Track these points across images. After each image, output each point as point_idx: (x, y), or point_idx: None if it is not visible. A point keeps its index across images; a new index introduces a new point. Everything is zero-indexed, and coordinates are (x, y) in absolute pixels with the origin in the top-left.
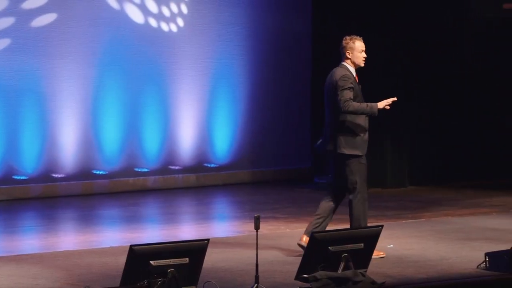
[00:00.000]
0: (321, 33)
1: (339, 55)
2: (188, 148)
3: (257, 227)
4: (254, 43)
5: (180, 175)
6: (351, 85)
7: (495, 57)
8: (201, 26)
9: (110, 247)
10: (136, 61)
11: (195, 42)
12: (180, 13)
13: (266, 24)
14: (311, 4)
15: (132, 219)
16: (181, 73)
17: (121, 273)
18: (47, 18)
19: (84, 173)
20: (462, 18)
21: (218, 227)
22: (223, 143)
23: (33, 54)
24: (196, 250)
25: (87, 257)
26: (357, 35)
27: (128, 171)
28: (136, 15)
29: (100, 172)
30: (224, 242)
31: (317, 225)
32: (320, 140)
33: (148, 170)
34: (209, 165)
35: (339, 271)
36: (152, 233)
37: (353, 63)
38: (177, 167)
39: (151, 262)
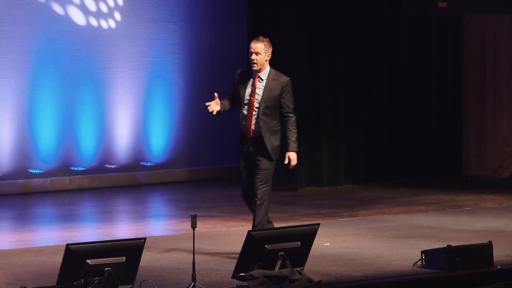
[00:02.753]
0: (255, 22)
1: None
2: (125, 147)
3: (193, 226)
4: (189, 42)
5: (117, 174)
6: (233, 82)
7: (429, 56)
8: (136, 24)
9: (47, 246)
10: (71, 59)
11: (130, 40)
12: (115, 12)
13: (201, 22)
14: (246, 1)
15: (69, 218)
16: (117, 71)
17: (57, 272)
18: None
19: (20, 172)
20: (397, 15)
21: (155, 225)
22: (159, 142)
23: None
24: (132, 249)
25: (24, 256)
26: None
27: (64, 170)
28: (71, 13)
29: (36, 171)
30: (161, 241)
31: None
32: None
33: (84, 169)
34: (145, 164)
35: (276, 269)
36: (88, 232)
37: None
38: (113, 166)
39: (87, 261)
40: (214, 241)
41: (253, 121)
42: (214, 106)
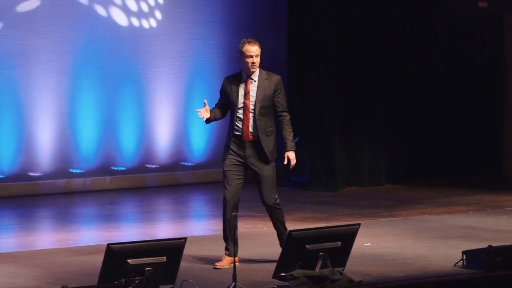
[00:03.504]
0: (297, 29)
1: (315, 51)
2: (165, 147)
3: (234, 226)
4: (230, 41)
5: (157, 174)
6: (220, 89)
7: (469, 56)
8: (176, 24)
9: (88, 245)
10: (112, 60)
11: (171, 40)
12: (156, 10)
13: (241, 23)
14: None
15: (109, 218)
16: (157, 71)
17: (98, 272)
18: (23, 16)
19: (61, 172)
20: (434, 16)
21: (195, 225)
22: (200, 142)
23: (8, 52)
24: (173, 248)
25: (65, 255)
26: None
27: (105, 169)
28: (113, 14)
29: (77, 171)
30: (202, 241)
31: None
32: (297, 139)
33: (125, 168)
34: (186, 164)
35: (317, 269)
36: (129, 231)
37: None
38: (154, 166)
39: (128, 260)
40: (254, 241)
41: (251, 124)
42: (204, 113)
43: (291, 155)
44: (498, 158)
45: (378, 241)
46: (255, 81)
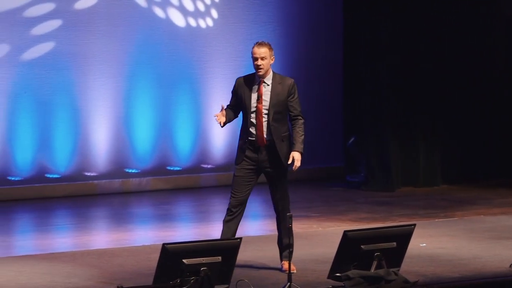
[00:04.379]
0: (353, 29)
1: (371, 52)
2: (220, 146)
3: (289, 226)
4: (286, 42)
5: (212, 174)
6: (232, 90)
7: None
8: (232, 25)
9: (143, 245)
10: (168, 60)
11: (226, 41)
12: (212, 12)
13: (297, 24)
14: (341, 1)
15: (165, 218)
16: (213, 71)
17: (154, 272)
18: (79, 17)
19: (117, 172)
20: (491, 15)
21: (251, 225)
22: None
23: (65, 53)
24: (228, 248)
25: (120, 255)
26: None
27: (161, 169)
28: (168, 14)
29: (133, 171)
30: (257, 241)
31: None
32: (353, 139)
33: (181, 168)
34: None
35: (372, 270)
36: (184, 231)
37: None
38: (209, 166)
39: (183, 260)
40: (309, 241)
41: (265, 129)
42: (221, 117)
43: (296, 155)
44: None
45: (434, 242)
46: (268, 85)
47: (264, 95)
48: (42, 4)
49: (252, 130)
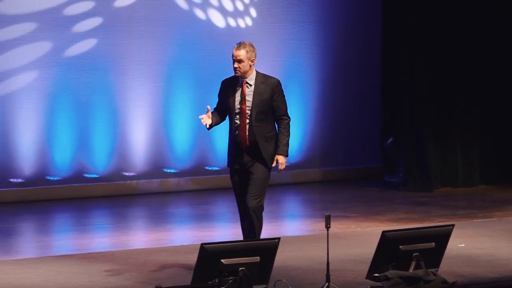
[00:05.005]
0: (390, 31)
1: (410, 53)
2: None
3: (328, 226)
4: (324, 42)
5: None
6: (218, 92)
7: None
8: (271, 25)
9: (181, 245)
10: (206, 60)
11: (265, 41)
12: (250, 12)
13: (336, 23)
14: (380, 2)
15: (203, 218)
16: None
17: (192, 272)
18: (118, 17)
19: (156, 172)
20: None
21: (289, 225)
22: (294, 142)
23: (103, 53)
24: (267, 248)
25: (158, 255)
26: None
27: (199, 169)
28: (206, 14)
29: (172, 171)
30: (295, 241)
31: None
32: (390, 139)
33: (219, 168)
34: None
35: (410, 270)
36: (222, 231)
37: None
38: None
39: (222, 260)
40: (348, 241)
41: (248, 130)
42: (207, 119)
43: (280, 158)
44: None
45: (472, 242)
46: (251, 85)
47: (247, 96)
48: (81, 2)
49: (237, 131)
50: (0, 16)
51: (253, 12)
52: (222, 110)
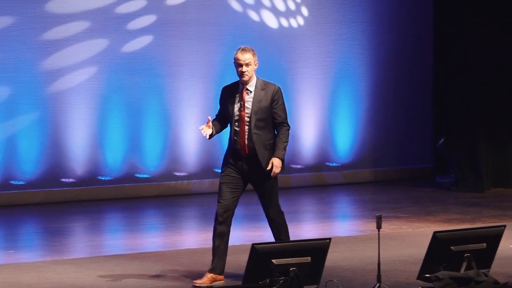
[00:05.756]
0: (442, 30)
1: (457, 53)
2: (310, 147)
3: (379, 226)
4: (376, 42)
5: (302, 174)
6: (219, 99)
7: None
8: (322, 25)
9: (232, 245)
10: (258, 60)
11: (316, 41)
12: (301, 12)
13: (388, 23)
14: (432, 2)
15: (254, 218)
16: (302, 72)
17: (243, 272)
18: (169, 17)
19: (207, 172)
20: None
21: (340, 226)
22: (345, 142)
23: (155, 53)
24: (318, 249)
25: (210, 255)
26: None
27: None
28: (256, 15)
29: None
30: (346, 241)
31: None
32: (442, 139)
33: None
34: (331, 164)
35: (462, 271)
36: None
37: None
38: (299, 166)
39: (273, 260)
40: (399, 242)
41: (247, 137)
42: (207, 129)
43: (276, 161)
44: None
45: None
46: (251, 92)
47: (247, 103)
48: (134, 1)
49: (236, 138)
50: (52, 15)
51: (304, 11)
52: (223, 117)
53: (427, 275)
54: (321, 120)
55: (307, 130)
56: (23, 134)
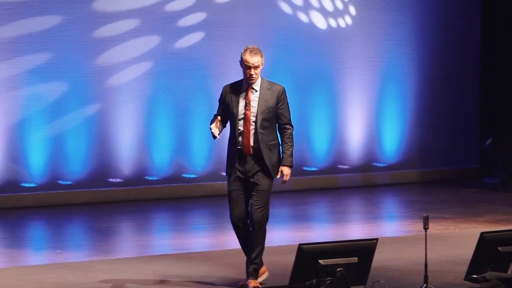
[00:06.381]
0: (490, 30)
1: (505, 53)
2: (357, 147)
3: (426, 227)
4: (423, 42)
5: (349, 174)
6: (219, 98)
7: None
8: (369, 25)
9: (279, 245)
10: (305, 60)
11: (363, 41)
12: (349, 12)
13: (434, 22)
14: (479, 1)
15: (301, 218)
16: (350, 72)
17: (290, 272)
18: (216, 18)
19: None
20: None
21: (387, 226)
22: (392, 143)
23: (202, 54)
24: (365, 249)
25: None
26: None
27: (297, 170)
28: (304, 15)
29: None
30: (393, 242)
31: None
32: (490, 140)
33: (317, 169)
34: (377, 165)
35: (509, 271)
36: (321, 232)
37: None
38: (346, 166)
39: (319, 261)
40: (446, 242)
41: (252, 137)
42: (215, 130)
43: (285, 170)
44: None
45: None
46: (256, 91)
47: (252, 102)
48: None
49: (240, 138)
50: (99, 14)
51: (352, 10)
52: (223, 116)
53: (474, 276)
54: (368, 121)
55: (354, 130)
56: (71, 133)
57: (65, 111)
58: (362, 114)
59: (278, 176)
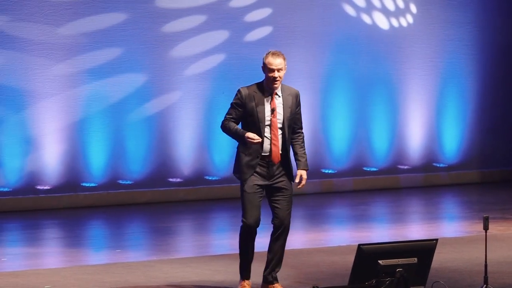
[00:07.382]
0: None
1: None
2: (417, 147)
3: (486, 228)
4: (482, 42)
5: (409, 175)
6: (237, 101)
7: None
8: (430, 25)
9: (339, 246)
10: (365, 60)
11: (424, 41)
12: (409, 13)
13: (495, 22)
14: None
15: (361, 218)
16: (410, 72)
17: (349, 272)
18: (277, 19)
19: (314, 172)
20: None
21: (447, 227)
22: (452, 143)
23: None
24: (424, 250)
25: (316, 255)
26: None
27: (356, 170)
28: (365, 15)
29: (329, 171)
30: (453, 242)
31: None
32: None
33: (377, 169)
34: (438, 165)
35: None
36: (380, 232)
37: (266, 81)
38: (405, 167)
39: (379, 261)
40: (506, 243)
41: (280, 144)
42: (255, 135)
43: (305, 174)
44: None
45: None
46: (279, 97)
47: (278, 108)
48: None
49: (267, 145)
50: (160, 13)
51: (413, 8)
52: (239, 120)
53: None
54: (428, 121)
55: (415, 130)
56: (131, 133)
57: (125, 111)
58: (422, 114)
59: (297, 180)
